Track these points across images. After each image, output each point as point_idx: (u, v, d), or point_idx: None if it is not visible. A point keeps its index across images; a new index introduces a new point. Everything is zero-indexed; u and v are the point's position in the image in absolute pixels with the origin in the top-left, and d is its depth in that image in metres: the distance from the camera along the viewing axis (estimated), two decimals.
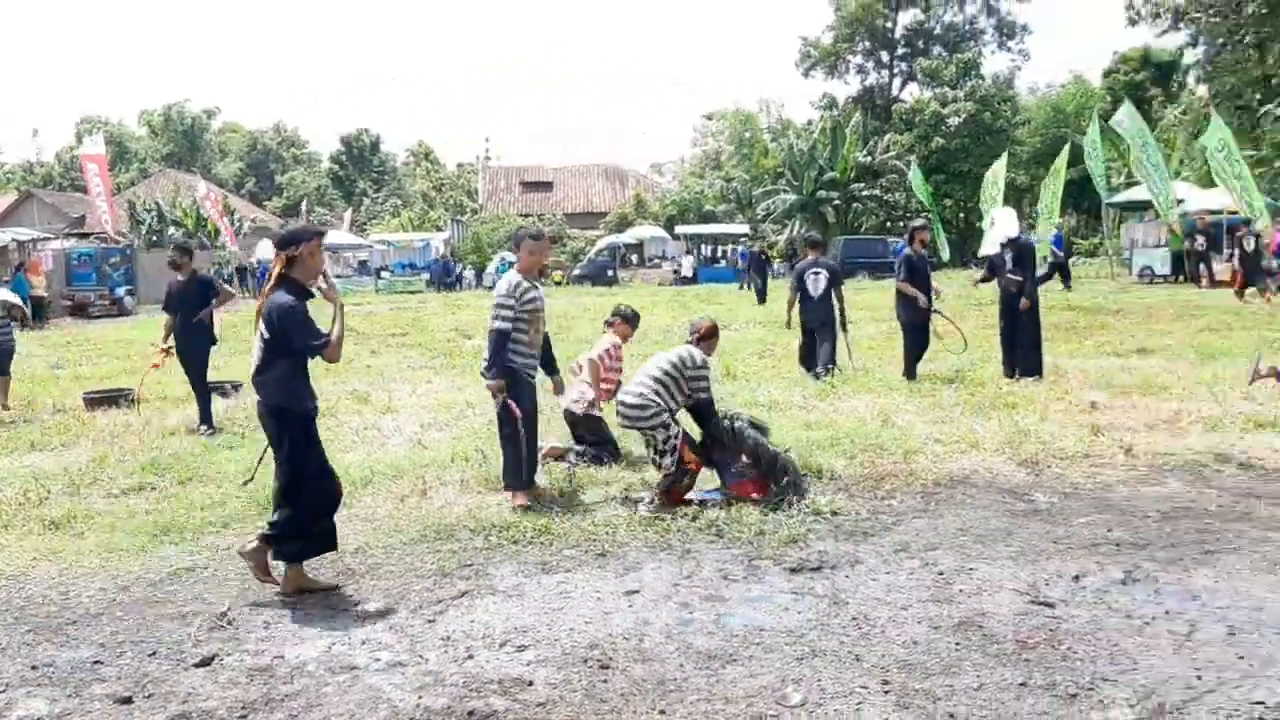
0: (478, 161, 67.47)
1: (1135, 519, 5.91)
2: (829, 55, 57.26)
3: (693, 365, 6.55)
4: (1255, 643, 4.12)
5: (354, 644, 4.39)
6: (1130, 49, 50.49)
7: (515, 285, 6.38)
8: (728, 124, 63.62)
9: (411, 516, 6.35)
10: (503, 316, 6.34)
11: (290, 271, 5.13)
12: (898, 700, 3.73)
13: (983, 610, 4.58)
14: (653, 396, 6.38)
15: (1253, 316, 16.22)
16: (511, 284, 6.40)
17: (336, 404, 10.49)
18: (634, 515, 6.14)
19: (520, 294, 6.36)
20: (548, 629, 4.53)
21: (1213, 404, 8.83)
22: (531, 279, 6.53)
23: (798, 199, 46.56)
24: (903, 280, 10.93)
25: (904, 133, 50.14)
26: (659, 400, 6.37)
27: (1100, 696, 3.71)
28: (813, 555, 5.41)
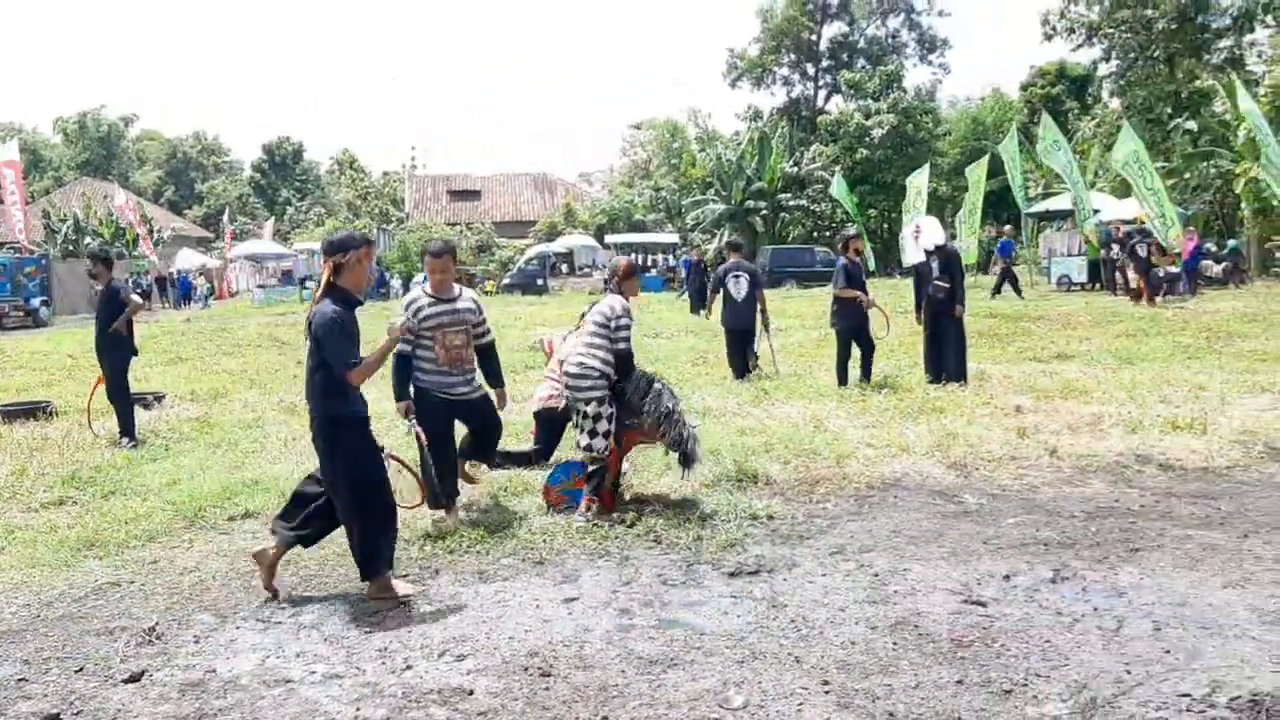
0: (403, 169, 66.81)
1: (1062, 519, 6.05)
2: (755, 67, 57.87)
3: (614, 315, 6.40)
4: (1180, 637, 4.24)
5: (288, 656, 4.31)
6: (1046, 63, 51.85)
7: (410, 304, 6.23)
8: (655, 134, 63.88)
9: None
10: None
11: (337, 279, 5.03)
12: (838, 700, 3.77)
13: (918, 610, 4.65)
14: (590, 362, 6.32)
15: (1166, 323, 16.72)
16: (406, 303, 6.27)
17: (263, 414, 10.30)
18: (570, 524, 6.12)
19: (415, 312, 6.14)
20: (487, 638, 4.49)
21: (1132, 407, 9.08)
22: (442, 293, 6.25)
23: (726, 209, 46.93)
24: (841, 288, 10.99)
25: (829, 144, 50.86)
26: (596, 364, 6.31)
27: (1034, 692, 3.79)
28: (750, 559, 5.44)
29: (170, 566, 5.62)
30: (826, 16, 58.02)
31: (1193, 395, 9.54)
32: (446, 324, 6.18)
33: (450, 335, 6.18)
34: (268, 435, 9.24)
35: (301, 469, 7.72)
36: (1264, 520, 5.87)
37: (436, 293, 6.27)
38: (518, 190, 61.48)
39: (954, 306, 10.75)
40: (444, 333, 6.17)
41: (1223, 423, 8.29)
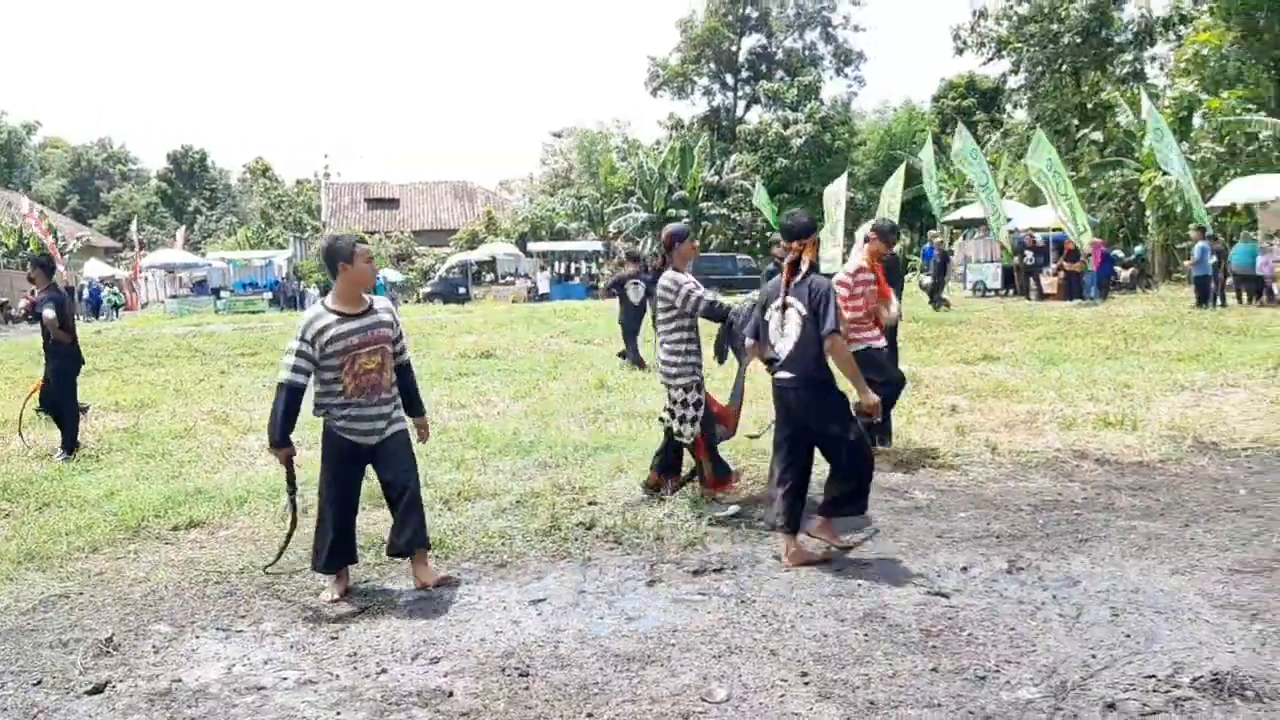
0: (318, 178, 65.73)
1: (1010, 512, 6.21)
2: (677, 76, 58.31)
3: (676, 290, 6.26)
4: (1138, 621, 4.39)
5: (255, 664, 4.22)
6: (957, 75, 53.14)
7: (308, 323, 4.89)
8: (576, 142, 63.93)
9: (296, 536, 6.11)
10: (285, 364, 4.88)
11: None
12: (819, 691, 3.82)
13: (884, 602, 4.73)
14: (675, 345, 6.33)
15: (1083, 325, 17.25)
16: (304, 322, 4.91)
17: (194, 425, 10.05)
18: (529, 527, 6.08)
19: (314, 335, 4.86)
20: (458, 640, 4.45)
21: (1063, 405, 9.36)
22: (349, 307, 5.00)
23: (649, 217, 47.14)
24: None
25: (749, 153, 51.46)
26: (682, 346, 6.32)
27: (1007, 678, 3.88)
28: (713, 557, 5.48)
29: (118, 578, 5.45)
30: (746, 28, 58.75)
31: (1119, 393, 9.86)
32: (357, 345, 4.96)
33: (363, 359, 4.99)
34: (202, 445, 9.02)
35: (244, 477, 7.58)
36: (1201, 510, 6.10)
37: (345, 306, 5.02)
38: (437, 198, 60.92)
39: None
40: (353, 357, 4.96)
41: (1151, 419, 8.59)
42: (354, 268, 4.97)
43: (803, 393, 5.28)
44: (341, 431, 5.06)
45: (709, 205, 48.02)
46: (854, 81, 66.41)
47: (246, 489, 7.13)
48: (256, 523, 6.46)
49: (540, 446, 8.23)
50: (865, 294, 7.59)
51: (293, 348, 4.89)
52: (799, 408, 5.31)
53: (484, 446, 8.28)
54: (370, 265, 5.06)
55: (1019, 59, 43.53)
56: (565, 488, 6.95)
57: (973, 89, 52.41)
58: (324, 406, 5.04)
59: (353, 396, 5.00)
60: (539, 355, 16.08)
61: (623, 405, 10.10)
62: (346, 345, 4.93)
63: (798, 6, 58.99)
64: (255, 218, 65.34)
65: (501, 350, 16.76)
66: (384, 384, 5.10)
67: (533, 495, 6.77)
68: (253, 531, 6.28)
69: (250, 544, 6.01)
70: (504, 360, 15.49)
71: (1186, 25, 37.06)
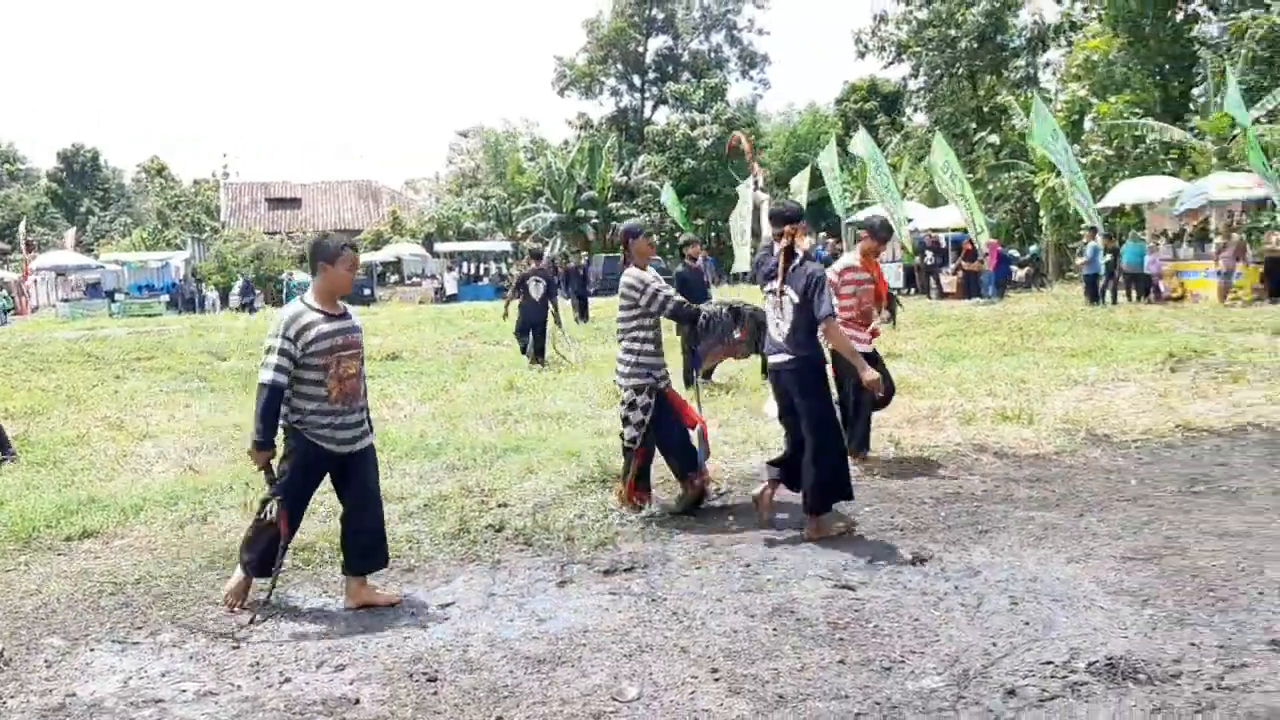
0: (216, 177, 64.04)
1: (913, 505, 6.34)
2: (584, 76, 58.28)
3: (642, 289, 6.10)
4: (1036, 609, 4.51)
5: (153, 676, 4.08)
6: (859, 79, 54.16)
7: (290, 320, 4.69)
8: (483, 141, 63.44)
9: (194, 544, 5.96)
10: (267, 364, 4.67)
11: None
12: (729, 687, 3.84)
13: (792, 597, 4.79)
14: (632, 344, 6.15)
15: (981, 323, 17.73)
16: (284, 318, 4.72)
17: (87, 432, 9.70)
18: (435, 530, 6.01)
19: (297, 333, 4.68)
20: (364, 646, 4.37)
21: (963, 400, 9.59)
22: (332, 308, 4.85)
23: (558, 217, 47.06)
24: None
25: (657, 154, 51.70)
26: (638, 346, 6.13)
27: (911, 667, 3.96)
28: (624, 557, 5.48)
29: (8, 590, 5.22)
30: (652, 29, 58.99)
31: (1016, 388, 10.14)
32: (340, 347, 4.79)
33: (345, 362, 4.81)
34: (95, 452, 8.71)
35: (139, 485, 7.34)
36: (1094, 500, 6.30)
37: (325, 306, 4.83)
38: (341, 198, 59.86)
39: None
40: (337, 359, 4.78)
41: (1046, 413, 8.85)
42: (334, 270, 4.79)
43: (793, 374, 5.70)
44: (317, 439, 4.78)
45: (618, 205, 48.09)
46: (759, 84, 67.35)
47: (142, 497, 6.90)
48: (153, 531, 6.25)
49: (448, 449, 8.13)
50: (858, 293, 7.32)
51: (274, 345, 4.64)
52: (789, 388, 5.75)
53: (390, 450, 8.14)
54: (350, 274, 4.87)
55: (918, 63, 44.59)
56: (474, 490, 6.88)
57: (874, 92, 53.48)
58: (301, 412, 4.75)
59: (336, 402, 4.78)
60: (446, 357, 15.92)
61: (532, 406, 10.05)
62: (331, 345, 4.74)
63: (703, 9, 59.52)
64: (151, 218, 63.30)
65: (408, 352, 16.55)
66: (361, 391, 4.93)
67: (440, 498, 6.69)
68: (149, 540, 6.07)
69: (147, 553, 5.82)
70: (410, 362, 15.30)
71: (1076, 32, 38.34)
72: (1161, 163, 29.18)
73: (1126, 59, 34.08)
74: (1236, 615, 4.34)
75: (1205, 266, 22.24)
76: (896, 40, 44.67)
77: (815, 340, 5.71)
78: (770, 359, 5.91)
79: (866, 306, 7.41)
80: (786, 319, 5.72)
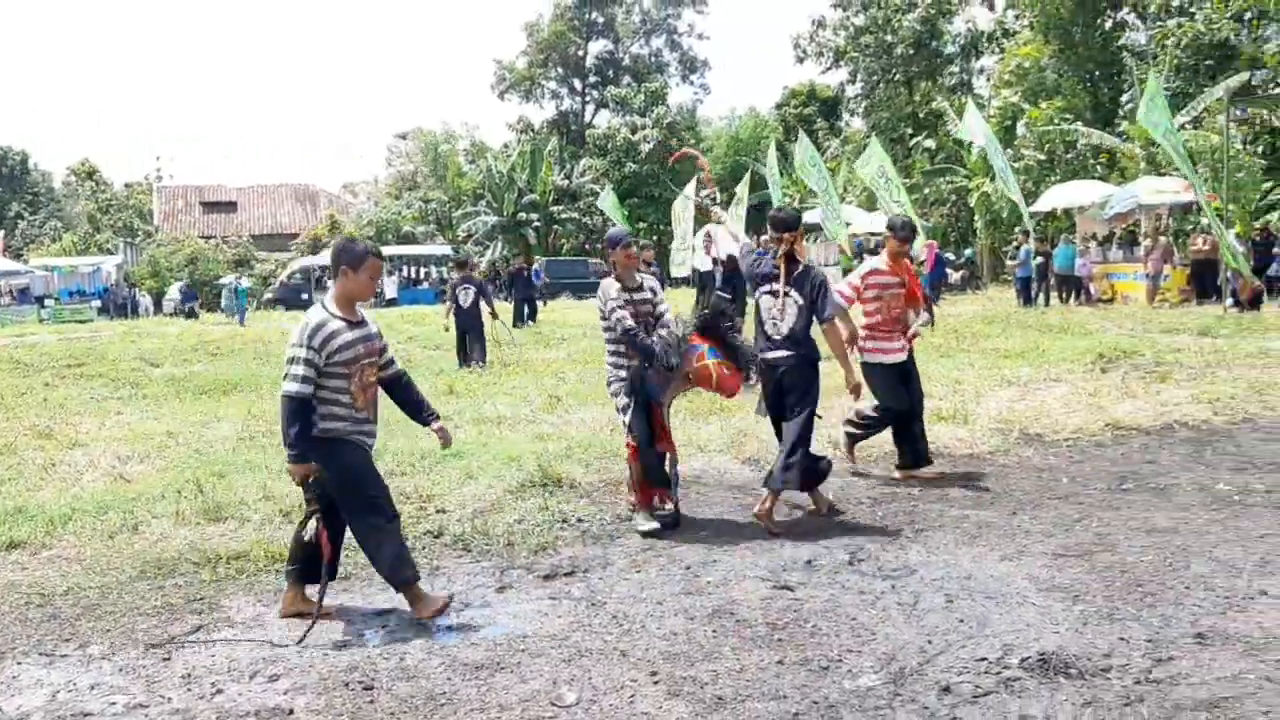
0: (149, 180, 62.79)
1: (851, 505, 6.41)
2: (524, 80, 58.12)
3: (603, 303, 5.95)
4: (970, 607, 4.58)
5: (82, 690, 3.98)
6: (799, 84, 54.64)
7: (314, 329, 4.50)
8: (422, 144, 63.00)
9: (125, 553, 5.82)
10: (293, 374, 4.48)
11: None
12: (668, 689, 3.84)
13: (732, 598, 4.81)
14: (610, 355, 6.01)
15: None
16: (308, 327, 4.51)
17: (14, 441, 9.44)
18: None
19: (321, 341, 4.50)
20: (299, 656, 4.30)
21: None
22: (352, 314, 4.67)
23: (499, 221, 46.84)
24: None
25: (598, 157, 51.70)
26: (611, 360, 5.97)
27: (849, 666, 3.99)
28: (564, 561, 5.46)
29: None
30: (592, 33, 59.03)
31: (951, 389, 10.30)
32: (363, 355, 4.66)
33: (367, 370, 4.70)
34: (23, 461, 8.47)
35: (69, 495, 7.17)
36: (1027, 499, 6.42)
37: (346, 313, 4.66)
38: (277, 201, 59.08)
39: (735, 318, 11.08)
40: (360, 368, 4.66)
41: (981, 413, 9.00)
42: (356, 276, 4.64)
43: (794, 370, 6.01)
44: (355, 435, 4.64)
45: (560, 209, 48.04)
46: (699, 89, 67.63)
47: (72, 507, 6.72)
48: (82, 541, 6.09)
49: (385, 455, 8.00)
50: (883, 297, 6.92)
51: (299, 355, 4.46)
52: (786, 382, 6.02)
53: None
54: (373, 282, 4.74)
55: (855, 68, 45.19)
56: (412, 496, 6.80)
57: (814, 98, 53.97)
58: (336, 418, 4.56)
59: (362, 410, 4.65)
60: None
61: (472, 411, 9.98)
62: (355, 354, 4.59)
63: (643, 13, 59.68)
64: (82, 222, 61.86)
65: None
66: (377, 400, 4.81)
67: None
68: (78, 551, 5.92)
69: (75, 564, 5.67)
70: None
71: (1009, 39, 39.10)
72: (1091, 167, 29.88)
73: (1057, 66, 34.85)
74: (1164, 610, 4.44)
75: (1134, 269, 22.80)
76: (834, 46, 45.25)
77: (814, 342, 6.03)
78: (767, 355, 6.06)
79: (896, 312, 6.98)
80: (788, 319, 6.01)
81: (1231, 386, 9.91)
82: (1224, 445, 7.76)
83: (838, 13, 44.64)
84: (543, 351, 16.20)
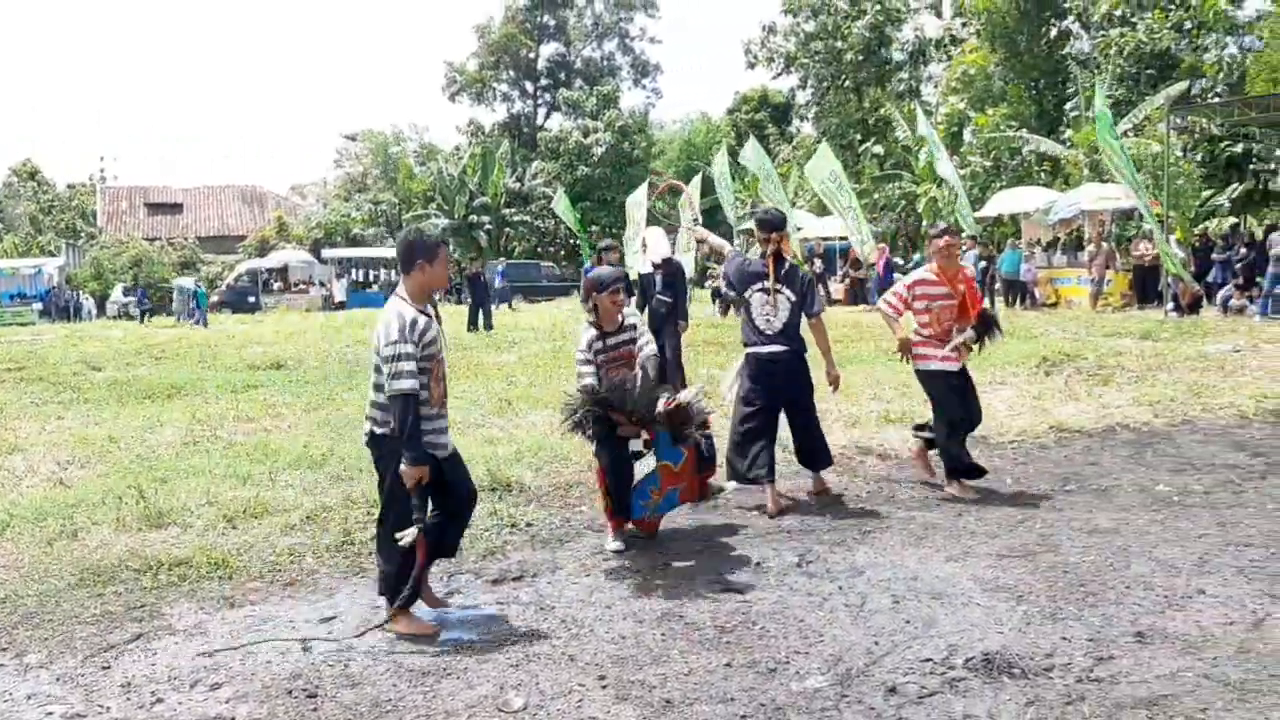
0: (93, 181, 61.59)
1: (800, 507, 6.44)
2: (475, 82, 57.84)
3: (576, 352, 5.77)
4: (917, 608, 4.62)
5: (18, 700, 3.89)
6: (750, 89, 54.89)
7: (412, 324, 4.40)
8: (371, 146, 62.42)
9: (64, 560, 5.69)
10: (403, 371, 4.33)
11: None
12: (616, 693, 3.83)
13: (681, 601, 4.81)
14: None
15: (867, 329, 18.11)
16: (406, 321, 4.40)
17: None
18: (318, 543, 5.87)
19: (419, 335, 4.41)
20: (241, 664, 4.23)
21: (848, 404, 9.78)
22: (424, 306, 4.56)
23: (450, 223, 46.52)
24: None
25: (551, 160, 51.57)
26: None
27: (796, 668, 4.01)
28: (513, 566, 5.43)
29: None
30: (544, 36, 58.90)
31: (900, 392, 10.39)
32: (437, 352, 4.59)
33: (443, 364, 4.67)
34: None
35: (6, 501, 7.01)
36: (972, 499, 6.49)
37: (424, 306, 4.59)
38: (224, 203, 58.19)
39: (676, 321, 11.04)
40: (439, 362, 4.61)
41: (927, 415, 9.05)
42: (433, 269, 4.58)
43: (790, 363, 6.36)
44: (429, 446, 4.49)
45: (512, 212, 47.85)
46: (652, 93, 67.68)
47: (9, 513, 6.57)
48: (20, 548, 5.95)
49: (332, 459, 7.95)
50: (931, 308, 6.61)
51: (405, 351, 4.35)
52: (784, 375, 6.38)
53: (272, 461, 7.93)
54: (445, 271, 4.71)
55: (806, 74, 45.50)
56: (360, 501, 6.71)
57: (765, 103, 54.25)
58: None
59: (436, 405, 4.57)
60: (333, 365, 15.57)
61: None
62: (439, 348, 4.56)
63: (595, 17, 59.65)
64: (23, 224, 60.53)
65: (293, 361, 16.14)
66: (446, 397, 4.75)
67: (324, 510, 6.52)
68: (15, 558, 5.78)
69: (13, 571, 5.54)
70: (296, 371, 14.92)
71: (956, 46, 39.63)
72: (1036, 174, 30.38)
73: (1003, 73, 35.37)
74: (1105, 609, 4.51)
75: (1078, 274, 23.18)
76: (785, 52, 45.53)
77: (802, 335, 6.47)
78: (762, 349, 6.37)
79: (948, 324, 6.67)
80: (781, 314, 6.36)
81: (1171, 389, 10.11)
82: (1164, 447, 7.91)
83: (788, 19, 44.94)
84: (494, 355, 16.12)
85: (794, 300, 6.35)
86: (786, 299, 6.34)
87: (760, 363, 6.39)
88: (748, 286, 6.44)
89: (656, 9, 59.98)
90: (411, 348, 4.37)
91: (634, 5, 59.12)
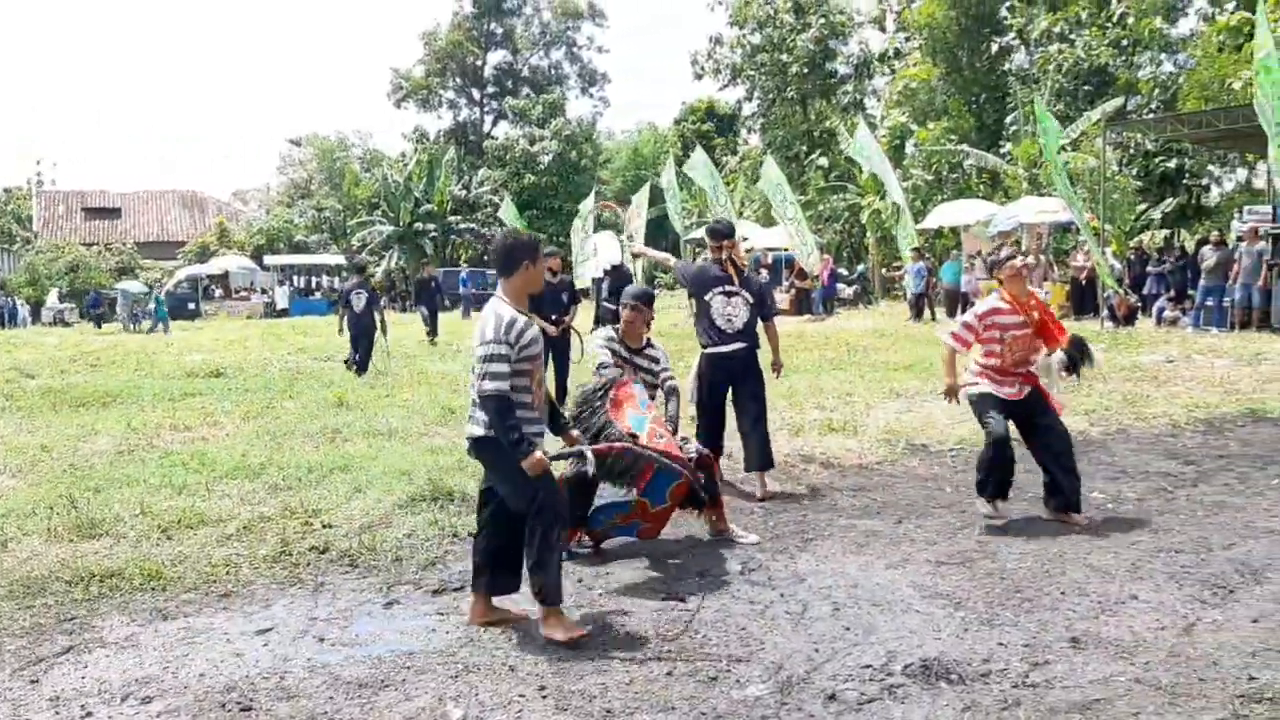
0: (27, 185, 60.24)
1: (743, 515, 6.45)
2: (421, 89, 57.51)
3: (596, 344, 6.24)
4: (857, 615, 4.65)
5: None
6: (697, 100, 55.24)
7: (510, 324, 4.36)
8: (316, 151, 61.79)
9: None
10: (493, 373, 4.30)
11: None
12: (556, 703, 3.81)
13: (623, 610, 4.80)
14: None
15: (812, 338, 18.27)
16: (504, 321, 4.36)
17: None
18: (254, 553, 5.77)
19: (516, 336, 4.36)
20: (174, 677, 4.14)
21: (792, 413, 9.86)
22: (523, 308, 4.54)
23: (394, 230, 46.15)
24: None
25: (497, 168, 51.39)
26: None
27: (737, 676, 4.01)
28: (454, 576, 5.38)
29: None
30: (491, 44, 58.76)
31: (842, 401, 10.50)
32: (538, 353, 4.53)
33: (541, 369, 4.60)
34: None
35: None
36: (913, 508, 6.57)
37: (524, 308, 4.54)
38: (164, 208, 57.17)
39: None
40: (538, 364, 4.54)
41: (870, 424, 9.19)
42: (536, 269, 4.54)
43: (746, 358, 6.81)
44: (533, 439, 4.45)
45: (458, 220, 47.56)
46: (599, 102, 67.80)
47: None
48: None
49: (271, 468, 7.82)
50: (1004, 338, 6.00)
51: (497, 353, 4.29)
52: (740, 369, 6.81)
53: (209, 470, 7.78)
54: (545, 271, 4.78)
55: (752, 86, 45.81)
56: (297, 511, 6.62)
57: (712, 114, 54.62)
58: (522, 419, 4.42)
59: (537, 408, 4.52)
60: (273, 373, 15.35)
61: (362, 423, 9.78)
62: (539, 350, 4.48)
63: (542, 25, 59.64)
64: None
65: (233, 369, 15.88)
66: (544, 400, 4.68)
67: (261, 520, 6.41)
68: None
69: None
70: (235, 379, 14.68)
71: (900, 60, 40.16)
72: (976, 186, 30.86)
73: (945, 88, 35.92)
74: (1041, 615, 4.58)
75: None
76: (731, 64, 45.81)
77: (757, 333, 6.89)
78: (721, 348, 6.77)
79: (1021, 355, 6.09)
80: (741, 315, 6.80)
81: (1107, 399, 10.31)
82: (1099, 455, 8.06)
83: (734, 31, 45.24)
84: (438, 364, 15.99)
85: (752, 302, 6.84)
86: (744, 300, 6.81)
87: (720, 360, 6.81)
88: (709, 290, 6.86)
89: (604, 18, 60.16)
90: (506, 349, 4.32)
91: (581, 14, 59.21)
